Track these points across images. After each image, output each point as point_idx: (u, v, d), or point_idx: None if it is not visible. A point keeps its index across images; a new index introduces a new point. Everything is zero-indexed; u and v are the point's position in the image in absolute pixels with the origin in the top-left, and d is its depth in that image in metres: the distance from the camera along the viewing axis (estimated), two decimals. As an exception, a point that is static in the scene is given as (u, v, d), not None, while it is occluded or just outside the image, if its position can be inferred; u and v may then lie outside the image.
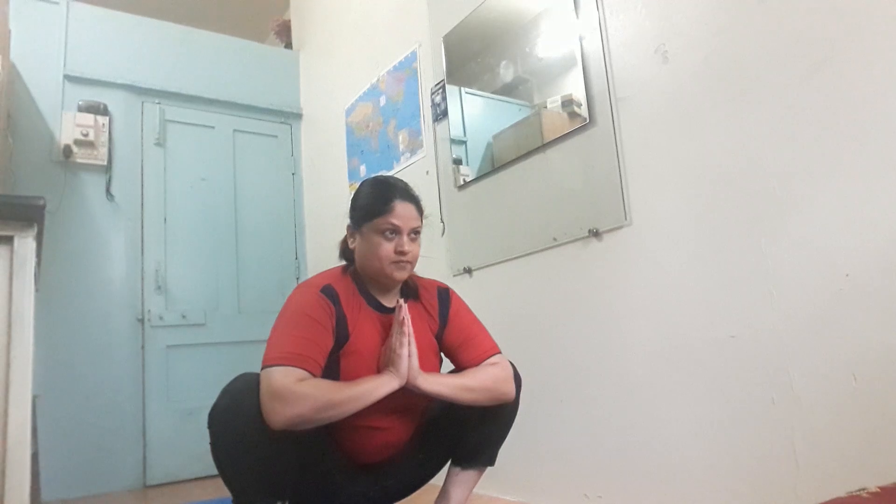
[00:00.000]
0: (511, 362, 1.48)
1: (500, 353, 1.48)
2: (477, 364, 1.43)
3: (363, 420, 1.26)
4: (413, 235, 1.40)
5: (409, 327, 1.32)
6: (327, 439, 1.37)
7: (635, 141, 1.84)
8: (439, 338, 1.49)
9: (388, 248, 1.37)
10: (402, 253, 1.36)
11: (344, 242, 1.50)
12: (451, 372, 1.48)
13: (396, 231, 1.37)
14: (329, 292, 1.36)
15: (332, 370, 1.33)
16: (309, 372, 1.23)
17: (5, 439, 1.33)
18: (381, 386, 1.27)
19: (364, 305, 1.42)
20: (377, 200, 1.39)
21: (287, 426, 1.17)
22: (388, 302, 1.45)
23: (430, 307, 1.50)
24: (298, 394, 1.17)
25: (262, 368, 1.23)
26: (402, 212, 1.38)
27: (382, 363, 1.35)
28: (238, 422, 1.20)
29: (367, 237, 1.40)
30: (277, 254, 3.78)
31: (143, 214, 3.38)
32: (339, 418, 1.23)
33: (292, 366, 1.21)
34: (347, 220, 1.48)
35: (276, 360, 1.22)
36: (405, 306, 1.34)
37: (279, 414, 1.16)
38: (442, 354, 1.52)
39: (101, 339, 3.14)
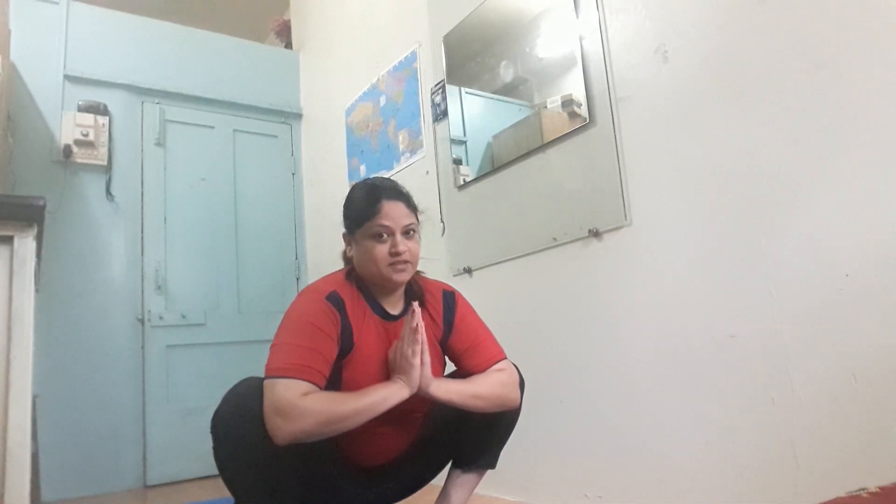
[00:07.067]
0: (516, 366, 1.47)
1: (505, 358, 1.46)
2: (483, 370, 1.41)
3: (366, 425, 1.24)
4: (408, 234, 1.36)
5: (422, 335, 1.29)
6: (329, 443, 1.35)
7: (635, 141, 1.84)
8: (443, 344, 1.47)
9: (382, 250, 1.33)
10: (397, 253, 1.33)
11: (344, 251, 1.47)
12: (455, 374, 1.47)
13: (388, 232, 1.34)
14: (335, 300, 1.33)
15: (334, 378, 1.30)
16: (313, 384, 1.20)
17: (5, 439, 1.33)
18: (390, 397, 1.25)
19: (369, 312, 1.39)
20: (364, 204, 1.36)
21: (291, 441, 1.16)
22: (393, 308, 1.43)
23: (435, 313, 1.47)
24: (302, 409, 1.15)
25: (266, 378, 1.21)
26: (390, 211, 1.34)
27: (391, 369, 1.33)
28: (240, 429, 1.19)
29: (360, 243, 1.37)
30: (277, 254, 3.78)
31: (143, 214, 3.38)
32: (346, 430, 1.21)
33: (296, 378, 1.19)
34: (343, 230, 1.45)
35: (280, 371, 1.20)
36: (419, 311, 1.31)
37: (282, 430, 1.15)
38: (446, 358, 1.50)
39: (101, 339, 3.13)
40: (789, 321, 1.46)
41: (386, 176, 2.80)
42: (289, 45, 4.26)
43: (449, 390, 1.32)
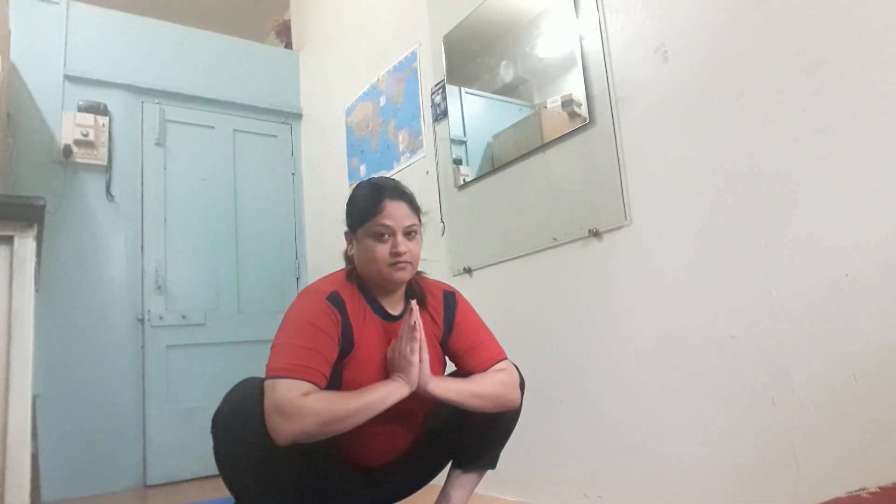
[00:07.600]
0: (516, 366, 1.47)
1: (506, 358, 1.46)
2: (483, 370, 1.41)
3: (366, 425, 1.24)
4: (409, 234, 1.37)
5: (420, 332, 1.29)
6: (330, 444, 1.35)
7: (635, 141, 1.84)
8: (444, 344, 1.47)
9: (383, 250, 1.33)
10: (398, 254, 1.33)
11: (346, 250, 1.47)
12: (455, 374, 1.47)
13: (390, 232, 1.34)
14: (336, 300, 1.33)
15: (334, 379, 1.30)
16: (314, 384, 1.20)
17: (5, 439, 1.33)
18: (390, 394, 1.25)
19: (369, 312, 1.40)
20: (367, 203, 1.37)
21: (291, 441, 1.16)
22: (393, 308, 1.43)
23: (436, 314, 1.47)
24: (303, 409, 1.15)
25: (266, 378, 1.21)
26: (392, 211, 1.34)
27: (391, 368, 1.33)
28: (240, 429, 1.19)
29: (362, 242, 1.37)
30: (277, 254, 3.78)
31: (143, 214, 3.38)
32: (347, 430, 1.21)
33: (297, 378, 1.19)
34: (345, 228, 1.45)
35: (281, 372, 1.20)
36: (417, 309, 1.31)
37: (283, 430, 1.14)
38: (446, 359, 1.50)
39: (101, 339, 3.14)
40: (789, 321, 1.46)
41: (386, 176, 2.80)
42: (289, 45, 4.26)
43: (449, 388, 1.32)
